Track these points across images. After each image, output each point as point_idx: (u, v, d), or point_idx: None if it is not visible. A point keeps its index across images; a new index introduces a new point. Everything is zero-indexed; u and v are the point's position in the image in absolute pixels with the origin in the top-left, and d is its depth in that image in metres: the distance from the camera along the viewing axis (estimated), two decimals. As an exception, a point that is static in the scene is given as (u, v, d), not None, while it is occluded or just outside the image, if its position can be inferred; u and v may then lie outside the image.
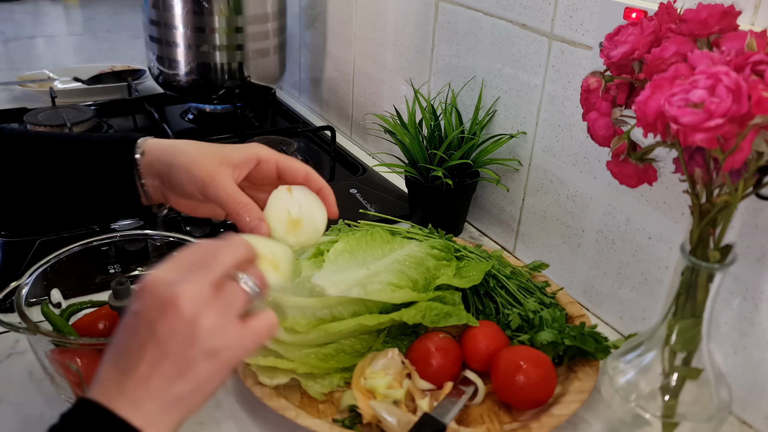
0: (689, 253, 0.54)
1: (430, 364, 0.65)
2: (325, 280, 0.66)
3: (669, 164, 0.56)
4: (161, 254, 0.81)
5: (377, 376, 0.63)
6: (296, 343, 0.64)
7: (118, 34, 2.03)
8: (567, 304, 0.76)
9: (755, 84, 0.44)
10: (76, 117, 1.23)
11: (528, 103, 0.86)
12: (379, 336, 0.69)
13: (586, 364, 0.67)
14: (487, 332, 0.68)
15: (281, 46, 1.33)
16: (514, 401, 0.64)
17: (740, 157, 0.45)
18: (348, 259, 0.71)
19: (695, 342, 0.56)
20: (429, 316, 0.67)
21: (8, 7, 2.30)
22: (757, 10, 0.59)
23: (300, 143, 1.24)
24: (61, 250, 0.68)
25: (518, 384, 0.62)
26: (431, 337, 0.67)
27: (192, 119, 1.37)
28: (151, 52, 1.29)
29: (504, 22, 0.87)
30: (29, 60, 1.74)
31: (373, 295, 0.65)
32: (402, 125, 0.93)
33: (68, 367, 0.57)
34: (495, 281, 0.74)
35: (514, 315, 0.70)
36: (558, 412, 0.61)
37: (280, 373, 0.63)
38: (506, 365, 0.64)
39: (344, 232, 0.77)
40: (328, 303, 0.66)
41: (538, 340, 0.67)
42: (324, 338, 0.65)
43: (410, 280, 0.69)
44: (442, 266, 0.73)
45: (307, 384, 0.64)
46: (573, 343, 0.66)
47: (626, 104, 0.56)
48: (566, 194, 0.82)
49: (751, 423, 0.64)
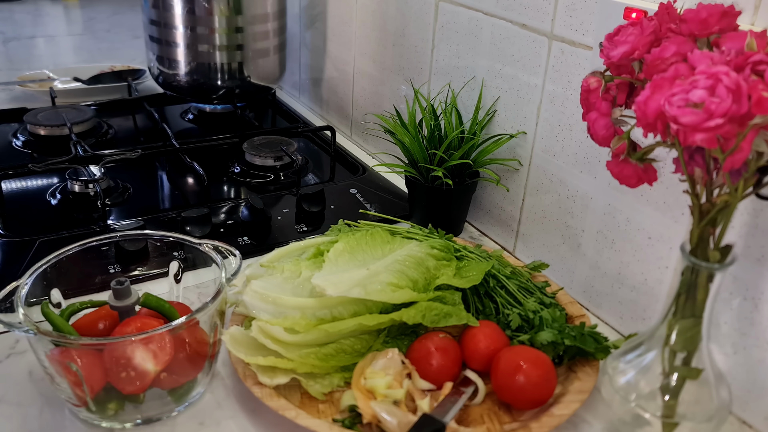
0: (689, 253, 0.54)
1: (430, 364, 0.65)
2: (325, 280, 0.66)
3: (669, 164, 0.56)
4: (161, 254, 0.81)
5: (377, 376, 0.63)
6: (296, 343, 0.64)
7: (118, 34, 2.03)
8: (567, 304, 0.76)
9: (755, 84, 0.44)
10: (76, 117, 1.23)
11: (528, 103, 0.86)
12: (379, 336, 0.69)
13: (586, 364, 0.67)
14: (487, 332, 0.68)
15: (281, 46, 1.33)
16: (514, 401, 0.64)
17: (740, 157, 0.45)
18: (348, 259, 0.71)
19: (695, 342, 0.56)
20: (429, 316, 0.67)
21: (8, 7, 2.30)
22: (757, 10, 0.59)
23: (300, 143, 1.24)
24: (61, 250, 0.68)
25: (518, 384, 0.62)
26: (431, 337, 0.67)
27: (192, 119, 1.37)
28: (151, 52, 1.29)
29: (504, 22, 0.87)
30: (29, 60, 1.74)
31: (374, 296, 0.65)
32: (402, 125, 0.93)
33: (68, 367, 0.57)
34: (495, 281, 0.74)
35: (514, 315, 0.70)
36: (558, 412, 0.61)
37: (280, 372, 0.63)
38: (506, 365, 0.64)
39: (344, 233, 0.77)
40: (328, 303, 0.66)
41: (538, 340, 0.67)
42: (324, 338, 0.65)
43: (410, 280, 0.69)
44: (442, 266, 0.73)
45: (308, 384, 0.64)
46: (573, 343, 0.66)
47: (626, 104, 0.56)
48: (566, 194, 0.82)
49: (751, 423, 0.64)
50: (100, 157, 1.04)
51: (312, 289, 0.66)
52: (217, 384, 0.67)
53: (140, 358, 0.58)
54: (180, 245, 0.73)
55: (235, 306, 0.71)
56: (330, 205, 0.99)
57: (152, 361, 0.58)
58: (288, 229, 0.94)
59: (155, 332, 0.58)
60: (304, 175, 1.13)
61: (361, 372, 0.65)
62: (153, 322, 0.61)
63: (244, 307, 0.68)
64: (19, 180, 1.05)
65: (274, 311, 0.65)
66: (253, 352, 0.64)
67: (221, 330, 0.65)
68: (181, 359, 0.61)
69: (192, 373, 0.63)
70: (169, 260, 0.74)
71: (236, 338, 0.65)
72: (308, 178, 1.13)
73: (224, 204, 0.98)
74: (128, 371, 0.58)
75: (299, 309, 0.65)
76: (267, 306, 0.66)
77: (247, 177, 1.09)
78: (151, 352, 0.58)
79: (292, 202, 0.99)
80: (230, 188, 1.08)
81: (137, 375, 0.58)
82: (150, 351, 0.58)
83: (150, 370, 0.58)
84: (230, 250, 0.70)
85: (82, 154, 1.05)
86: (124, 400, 0.61)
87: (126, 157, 1.06)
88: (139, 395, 0.60)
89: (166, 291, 0.81)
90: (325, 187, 1.00)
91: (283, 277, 0.70)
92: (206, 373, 0.65)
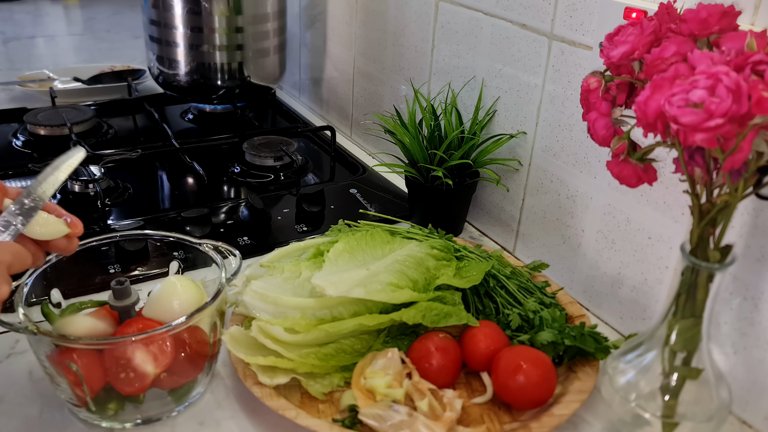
0: (689, 253, 0.54)
1: (430, 364, 0.65)
2: (325, 280, 0.66)
3: (669, 164, 0.56)
4: (161, 254, 0.81)
5: (377, 376, 0.63)
6: (296, 343, 0.64)
7: (118, 34, 2.03)
8: (567, 304, 0.76)
9: (755, 84, 0.44)
10: (76, 117, 1.23)
11: (528, 103, 0.86)
12: (379, 336, 0.69)
13: (586, 364, 0.67)
14: (487, 332, 0.68)
15: (281, 46, 1.33)
16: (514, 401, 0.64)
17: (740, 157, 0.45)
18: (348, 259, 0.71)
19: (695, 342, 0.56)
20: (429, 316, 0.67)
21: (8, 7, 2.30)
22: (757, 10, 0.59)
23: (300, 143, 1.24)
24: (61, 250, 0.68)
25: (518, 384, 0.62)
26: (431, 337, 0.67)
27: (192, 119, 1.37)
28: (151, 52, 1.29)
29: (504, 22, 0.87)
30: (29, 60, 1.74)
31: (374, 296, 0.65)
32: (402, 125, 0.93)
33: (68, 367, 0.57)
34: (495, 281, 0.74)
35: (514, 315, 0.70)
36: (558, 412, 0.61)
37: (280, 372, 0.63)
38: (506, 365, 0.64)
39: (344, 233, 0.77)
40: (328, 303, 0.66)
41: (538, 340, 0.67)
42: (324, 338, 0.65)
43: (410, 281, 0.69)
44: (442, 266, 0.73)
45: (308, 383, 0.64)
46: (573, 343, 0.66)
47: (626, 104, 0.56)
48: (566, 194, 0.82)
49: (751, 423, 0.64)
50: (100, 157, 1.04)
51: (312, 290, 0.66)
52: (217, 384, 0.67)
53: (140, 359, 0.58)
54: (180, 245, 0.73)
55: (235, 306, 0.71)
56: (330, 205, 0.99)
57: (152, 363, 0.58)
58: (288, 229, 0.94)
59: (155, 332, 0.58)
60: (304, 175, 1.13)
61: (361, 372, 0.65)
62: (154, 324, 0.61)
63: (244, 307, 0.68)
64: (19, 180, 1.05)
65: (274, 311, 0.66)
66: (253, 351, 0.64)
67: (221, 330, 0.65)
68: (182, 360, 0.61)
69: (192, 374, 0.63)
70: (169, 260, 0.74)
71: (236, 338, 0.65)
72: (308, 178, 1.13)
73: (224, 204, 0.98)
74: (128, 372, 0.58)
75: (299, 309, 0.65)
76: (267, 306, 0.66)
77: (247, 177, 1.09)
78: (151, 354, 0.58)
79: (292, 202, 0.99)
80: (230, 188, 1.08)
81: (137, 376, 0.58)
82: (150, 353, 0.58)
83: (149, 372, 0.58)
84: (230, 250, 0.70)
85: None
86: (124, 401, 0.61)
87: (126, 157, 1.06)
88: (139, 395, 0.60)
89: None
90: (325, 187, 1.00)
91: (283, 277, 0.70)
92: (206, 373, 0.65)
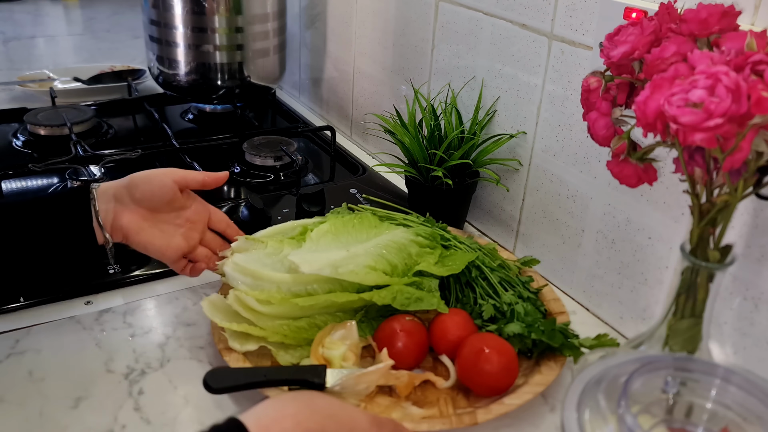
0: (689, 253, 0.54)
1: (394, 344, 0.67)
2: (301, 258, 0.68)
3: (669, 164, 0.56)
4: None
5: (335, 347, 0.65)
6: (269, 314, 0.66)
7: (118, 34, 2.03)
8: (551, 300, 0.76)
9: (755, 84, 0.44)
10: (76, 117, 1.23)
11: (528, 103, 0.86)
12: (356, 315, 0.70)
13: (552, 359, 0.67)
14: (456, 320, 0.69)
15: (281, 46, 1.33)
16: (474, 386, 0.65)
17: (740, 157, 0.45)
18: (330, 240, 0.73)
19: (695, 342, 0.56)
20: (399, 298, 0.68)
21: (8, 7, 2.30)
22: (757, 10, 0.59)
23: (300, 143, 1.24)
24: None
25: (479, 369, 0.63)
26: (399, 318, 0.69)
27: (192, 119, 1.37)
28: (151, 52, 1.29)
29: (504, 22, 0.87)
30: (29, 60, 1.74)
31: (345, 276, 0.67)
32: (402, 125, 0.93)
33: None
34: (478, 272, 0.75)
35: (488, 306, 0.71)
36: (508, 401, 0.62)
37: (252, 339, 0.66)
38: (470, 350, 0.65)
39: (333, 215, 0.79)
40: (303, 280, 0.68)
41: (506, 331, 0.68)
42: (297, 312, 0.67)
43: (389, 264, 0.70)
44: (425, 253, 0.74)
45: (278, 353, 0.66)
46: (539, 337, 0.66)
47: (626, 104, 0.56)
48: (566, 194, 0.82)
49: (751, 423, 0.64)
50: (100, 157, 1.04)
51: (290, 266, 0.68)
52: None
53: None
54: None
55: (222, 276, 0.72)
56: (330, 205, 0.99)
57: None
58: (288, 229, 0.94)
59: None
60: (304, 175, 1.13)
61: (320, 341, 0.66)
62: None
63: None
64: (19, 180, 1.05)
65: (251, 283, 0.68)
66: (229, 318, 0.66)
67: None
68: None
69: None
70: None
71: (215, 304, 0.68)
72: (308, 178, 1.13)
73: (224, 204, 0.98)
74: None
75: (275, 283, 0.67)
76: (245, 278, 0.68)
77: (247, 177, 1.09)
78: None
79: (292, 202, 0.99)
80: (230, 188, 1.08)
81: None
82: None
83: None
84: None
85: (82, 154, 1.05)
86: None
87: (126, 157, 1.06)
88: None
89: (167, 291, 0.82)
90: (325, 187, 1.00)
91: (266, 252, 0.72)
92: None
